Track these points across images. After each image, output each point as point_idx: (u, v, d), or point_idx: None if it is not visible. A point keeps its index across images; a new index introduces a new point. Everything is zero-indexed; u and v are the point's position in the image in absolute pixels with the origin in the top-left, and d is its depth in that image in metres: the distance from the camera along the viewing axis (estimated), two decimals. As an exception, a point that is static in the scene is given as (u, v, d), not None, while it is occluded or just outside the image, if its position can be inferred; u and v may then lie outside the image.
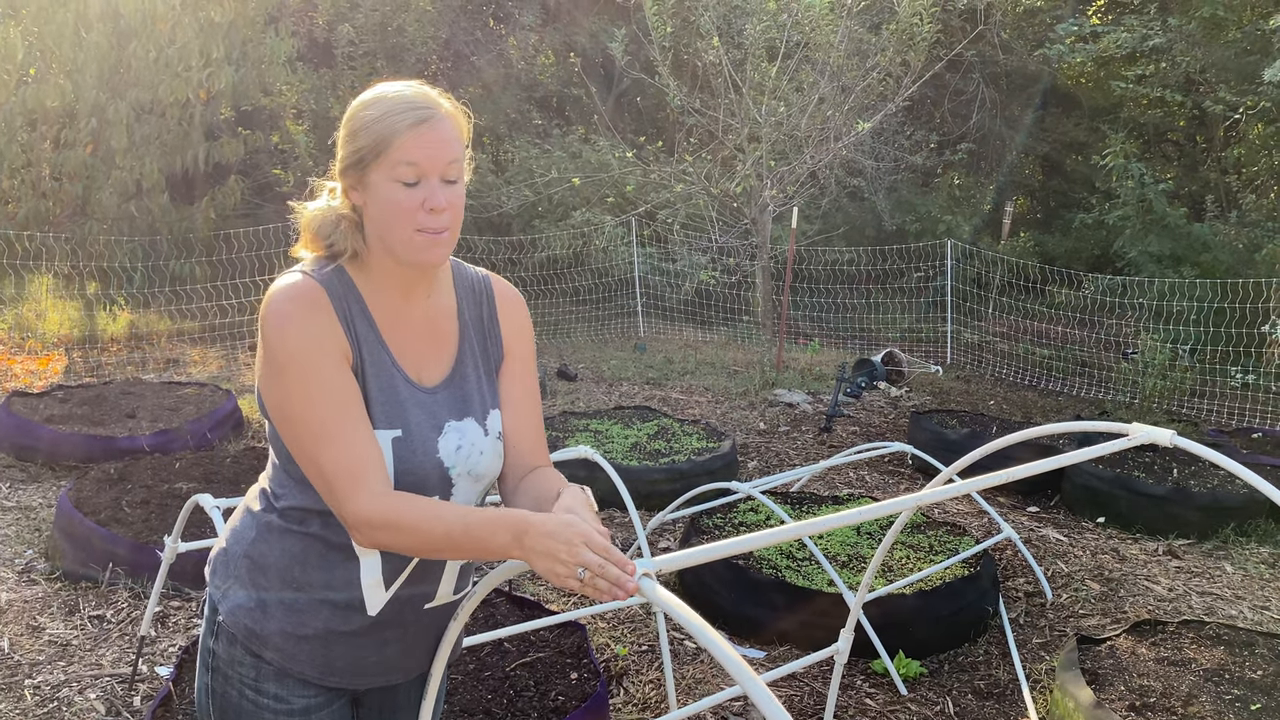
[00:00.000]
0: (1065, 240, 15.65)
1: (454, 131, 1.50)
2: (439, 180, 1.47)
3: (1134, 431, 1.97)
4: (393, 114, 1.46)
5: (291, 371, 1.46)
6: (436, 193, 1.47)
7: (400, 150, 1.45)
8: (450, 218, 1.49)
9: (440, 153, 1.47)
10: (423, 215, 1.47)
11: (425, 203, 1.46)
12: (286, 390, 1.47)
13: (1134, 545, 5.30)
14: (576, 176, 12.76)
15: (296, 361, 1.46)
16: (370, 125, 1.47)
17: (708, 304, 12.67)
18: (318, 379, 1.46)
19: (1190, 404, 9.28)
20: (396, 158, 1.45)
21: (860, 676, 3.74)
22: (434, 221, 1.47)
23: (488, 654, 3.32)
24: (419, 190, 1.46)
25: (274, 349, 1.47)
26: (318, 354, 1.47)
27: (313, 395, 1.46)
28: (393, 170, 1.46)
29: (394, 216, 1.47)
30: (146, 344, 9.04)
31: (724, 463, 5.69)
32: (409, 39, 13.84)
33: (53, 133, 10.47)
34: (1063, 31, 13.69)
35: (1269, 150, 14.28)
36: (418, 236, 1.48)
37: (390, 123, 1.45)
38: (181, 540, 3.17)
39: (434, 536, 1.42)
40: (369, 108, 1.49)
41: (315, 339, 1.47)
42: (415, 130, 1.45)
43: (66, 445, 5.44)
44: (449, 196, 1.48)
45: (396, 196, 1.46)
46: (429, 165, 1.46)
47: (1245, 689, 3.30)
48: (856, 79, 11.16)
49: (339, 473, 1.44)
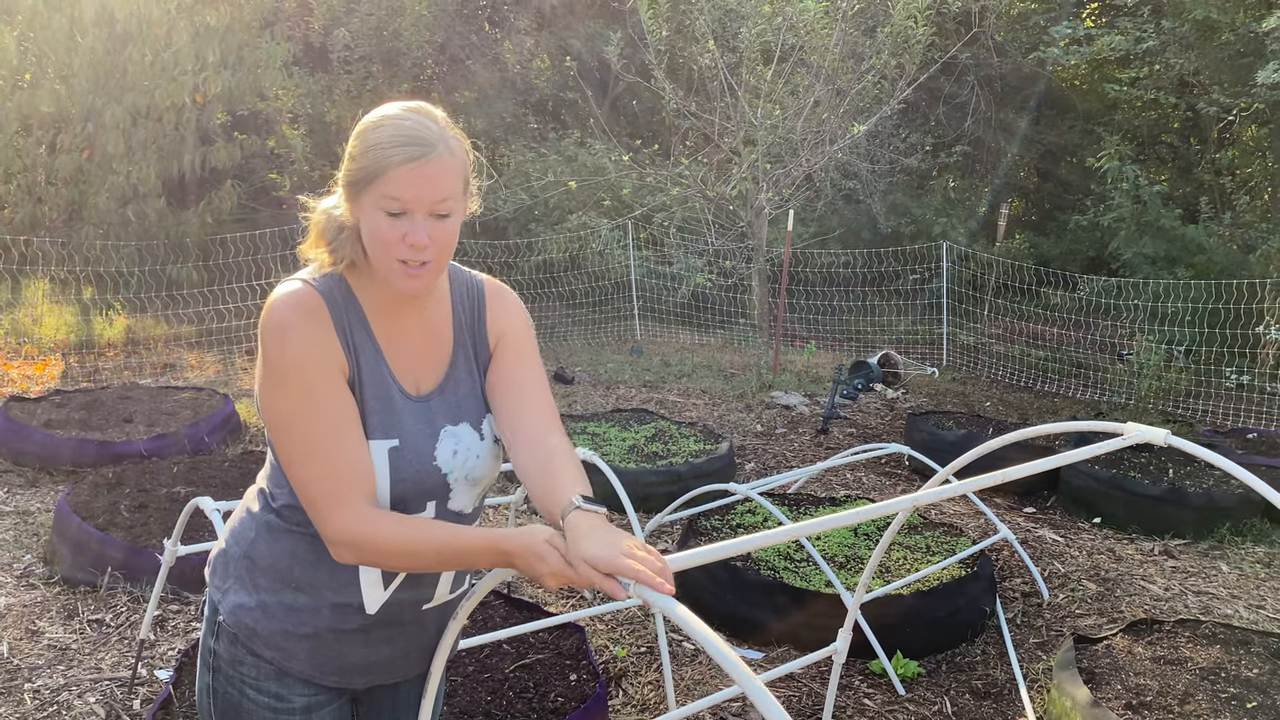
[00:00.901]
0: (1060, 242, 15.70)
1: (449, 169, 1.49)
2: (425, 215, 1.48)
3: (1129, 431, 1.99)
4: (390, 145, 1.46)
5: (289, 382, 1.47)
6: (419, 228, 1.47)
7: (388, 184, 1.45)
8: (433, 253, 1.49)
9: (428, 192, 1.47)
10: (403, 248, 1.47)
11: (407, 237, 1.47)
12: (282, 400, 1.48)
13: (1130, 545, 5.31)
14: (573, 180, 12.77)
15: (294, 372, 1.47)
16: (368, 151, 1.48)
17: (704, 307, 12.68)
18: (312, 392, 1.47)
19: (1185, 405, 9.31)
20: (385, 190, 1.46)
21: (858, 677, 3.75)
22: (414, 255, 1.48)
23: (487, 656, 3.33)
24: (403, 223, 1.47)
25: (273, 358, 1.48)
26: (315, 366, 1.48)
27: (306, 408, 1.47)
28: (379, 201, 1.47)
29: (377, 244, 1.49)
30: (143, 349, 9.04)
31: (721, 465, 5.71)
32: (405, 43, 13.86)
33: (48, 137, 10.48)
34: (1056, 34, 13.73)
35: (1262, 152, 14.33)
36: (397, 266, 1.49)
37: (386, 154, 1.46)
38: (181, 544, 3.17)
39: (415, 558, 1.46)
40: (372, 132, 1.49)
41: (314, 350, 1.48)
42: (405, 167, 1.45)
43: (64, 450, 5.44)
44: (435, 232, 1.48)
45: (380, 225, 1.47)
46: (416, 203, 1.46)
47: (1241, 687, 3.31)
48: (851, 82, 11.18)
49: (322, 490, 1.46)
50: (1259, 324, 10.21)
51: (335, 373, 1.50)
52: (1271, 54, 10.74)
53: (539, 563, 1.36)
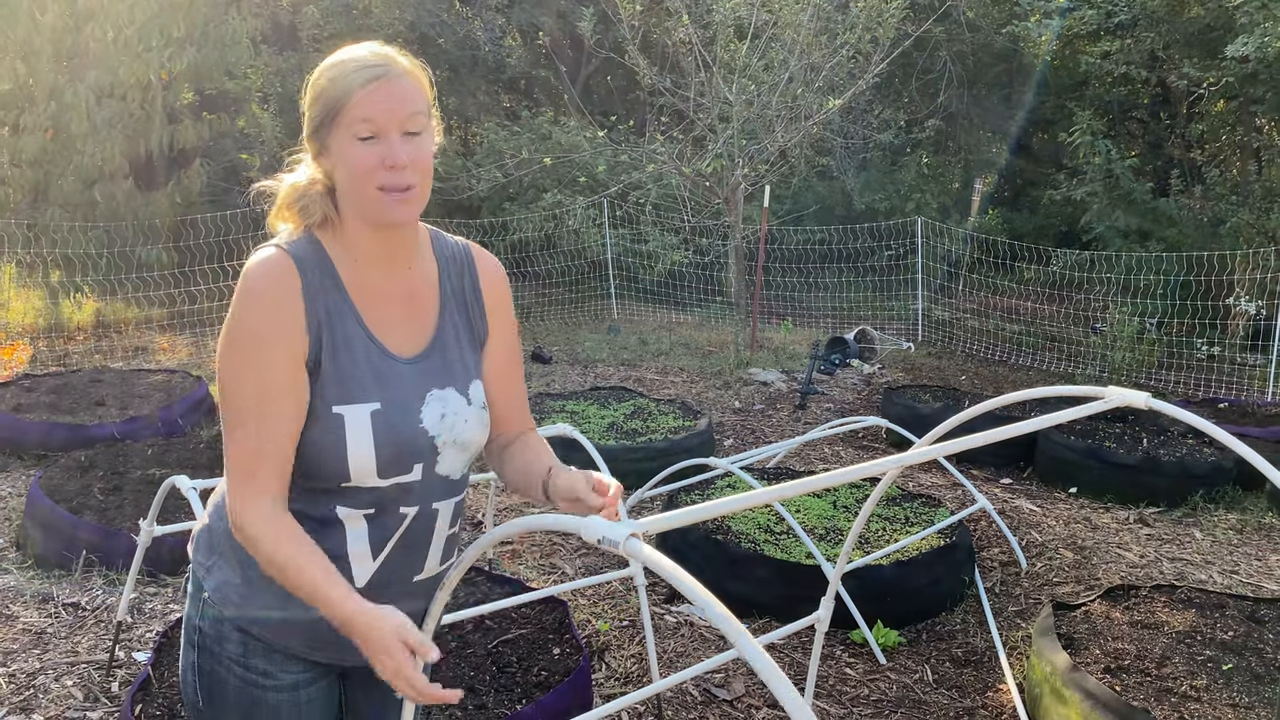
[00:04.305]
0: (1033, 217, 15.79)
1: (412, 86, 1.48)
2: (399, 134, 1.45)
3: (1110, 394, 1.99)
4: (346, 74, 1.45)
5: (236, 343, 1.46)
6: (396, 148, 1.44)
7: (355, 108, 1.43)
8: (414, 174, 1.46)
9: (396, 107, 1.44)
10: (384, 173, 1.44)
11: (385, 159, 1.43)
12: (227, 361, 1.47)
13: (1105, 514, 5.37)
14: (547, 157, 12.68)
15: (243, 334, 1.46)
16: (328, 87, 1.46)
17: (681, 285, 12.67)
18: (256, 362, 1.45)
19: (1158, 376, 9.42)
20: (352, 115, 1.43)
21: (840, 647, 3.77)
22: (396, 179, 1.44)
23: (470, 631, 3.32)
24: (378, 146, 1.44)
25: (233, 318, 1.47)
26: (266, 335, 1.45)
27: (245, 376, 1.45)
28: (350, 128, 1.44)
29: (356, 176, 1.45)
30: (114, 332, 8.91)
31: (700, 440, 5.71)
32: (375, 21, 13.69)
33: (10, 117, 10.26)
34: (1028, 7, 13.75)
35: (1231, 126, 14.45)
36: (382, 196, 1.46)
37: (344, 83, 1.44)
38: (157, 524, 3.13)
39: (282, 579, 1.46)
40: (327, 71, 1.48)
41: (270, 320, 1.45)
42: (368, 87, 1.43)
43: (35, 434, 5.36)
44: (411, 152, 1.45)
45: (356, 154, 1.44)
46: (386, 120, 1.44)
47: (1217, 650, 3.36)
48: (825, 58, 11.15)
49: (238, 463, 1.46)
50: (1229, 296, 10.33)
51: (286, 346, 1.46)
52: (1241, 28, 10.81)
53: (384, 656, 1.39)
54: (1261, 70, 10.89)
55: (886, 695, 3.48)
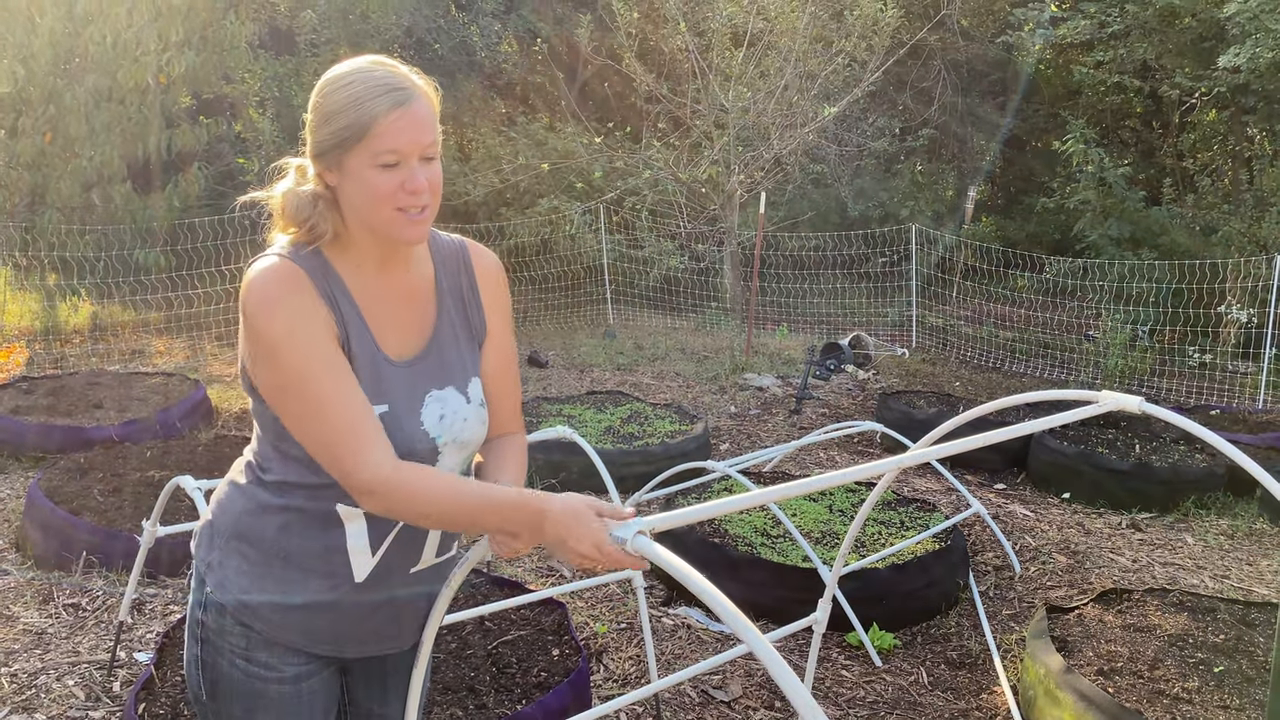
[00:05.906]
0: (1026, 225, 15.86)
1: (429, 110, 1.51)
2: (418, 160, 1.48)
3: (1103, 398, 2.03)
4: (369, 97, 1.45)
5: (284, 350, 1.45)
6: (416, 174, 1.47)
7: (379, 139, 1.44)
8: (429, 196, 1.50)
9: (419, 135, 1.47)
10: (402, 195, 1.47)
11: (405, 184, 1.46)
12: (281, 369, 1.46)
13: (1098, 519, 5.42)
14: (545, 163, 12.73)
15: (288, 340, 1.45)
16: (347, 109, 1.45)
17: (677, 290, 12.71)
18: (313, 353, 1.46)
19: (1150, 383, 9.48)
20: (377, 145, 1.44)
21: (836, 649, 3.80)
22: (414, 201, 1.48)
23: (470, 632, 3.34)
24: (398, 172, 1.46)
25: (262, 332, 1.46)
26: (309, 330, 1.47)
27: (310, 369, 1.46)
28: (374, 157, 1.45)
29: (375, 199, 1.47)
30: (110, 335, 8.92)
31: (697, 445, 5.74)
32: (372, 26, 13.70)
33: (8, 120, 10.25)
34: (1023, 18, 13.84)
35: (1223, 135, 14.56)
36: (398, 215, 1.48)
37: (369, 107, 1.44)
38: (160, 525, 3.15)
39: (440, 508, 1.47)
40: (343, 89, 1.47)
41: (303, 317, 1.47)
42: (393, 114, 1.44)
43: (33, 436, 5.37)
44: (428, 176, 1.49)
45: (376, 179, 1.46)
46: (409, 150, 1.46)
47: (1209, 652, 3.40)
48: (821, 65, 11.23)
49: (344, 441, 1.45)
50: (1220, 304, 10.40)
51: (328, 335, 1.49)
52: (1232, 38, 10.91)
53: (577, 525, 1.38)
54: (1253, 80, 10.99)
55: (882, 697, 3.51)
